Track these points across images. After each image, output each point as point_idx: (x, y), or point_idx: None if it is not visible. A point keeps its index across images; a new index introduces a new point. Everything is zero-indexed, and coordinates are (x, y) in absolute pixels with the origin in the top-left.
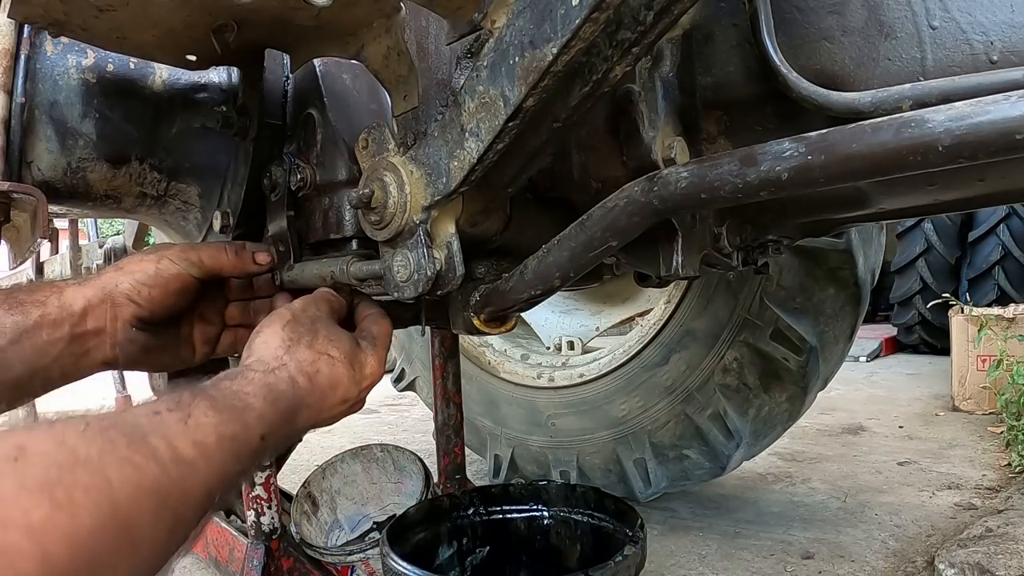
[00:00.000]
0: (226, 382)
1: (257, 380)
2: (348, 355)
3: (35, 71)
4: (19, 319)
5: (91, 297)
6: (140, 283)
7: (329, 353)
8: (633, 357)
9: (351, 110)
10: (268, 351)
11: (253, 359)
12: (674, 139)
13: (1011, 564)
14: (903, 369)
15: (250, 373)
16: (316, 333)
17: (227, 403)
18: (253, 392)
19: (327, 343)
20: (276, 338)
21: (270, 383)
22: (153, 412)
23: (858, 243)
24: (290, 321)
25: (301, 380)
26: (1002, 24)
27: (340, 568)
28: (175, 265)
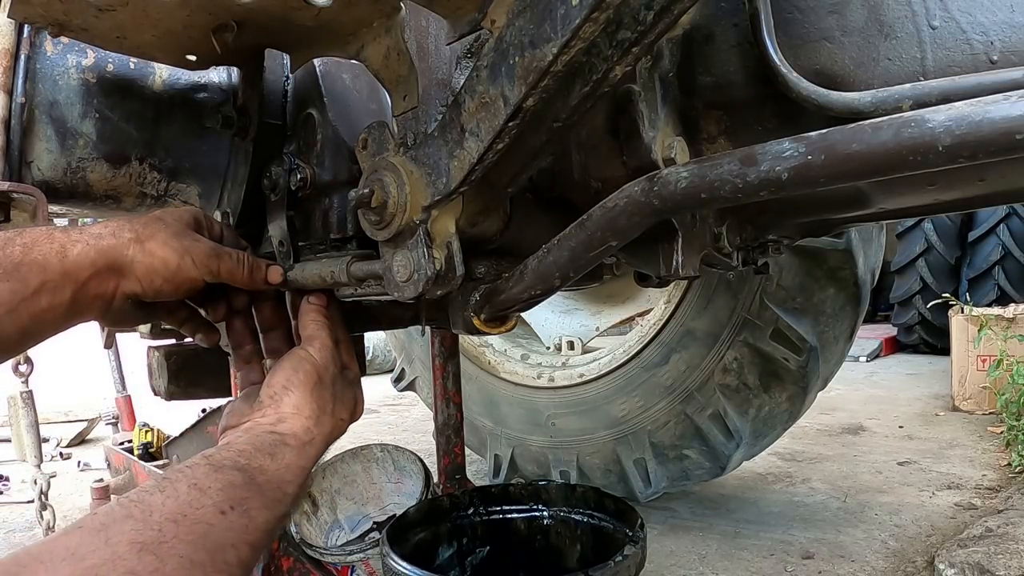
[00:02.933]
0: (270, 463)
1: (294, 466)
2: (352, 412)
3: (35, 71)
4: (16, 286)
5: (100, 265)
6: (155, 272)
7: (342, 417)
8: (633, 357)
9: (351, 110)
10: (300, 423)
11: (286, 428)
12: (674, 139)
13: (1011, 564)
14: (903, 369)
15: (287, 452)
16: (335, 398)
17: (273, 497)
18: (292, 479)
19: (341, 407)
20: (307, 406)
21: (303, 466)
22: (220, 512)
23: (858, 243)
24: (317, 384)
25: (321, 451)
26: (1002, 24)
27: (340, 568)
28: (196, 269)
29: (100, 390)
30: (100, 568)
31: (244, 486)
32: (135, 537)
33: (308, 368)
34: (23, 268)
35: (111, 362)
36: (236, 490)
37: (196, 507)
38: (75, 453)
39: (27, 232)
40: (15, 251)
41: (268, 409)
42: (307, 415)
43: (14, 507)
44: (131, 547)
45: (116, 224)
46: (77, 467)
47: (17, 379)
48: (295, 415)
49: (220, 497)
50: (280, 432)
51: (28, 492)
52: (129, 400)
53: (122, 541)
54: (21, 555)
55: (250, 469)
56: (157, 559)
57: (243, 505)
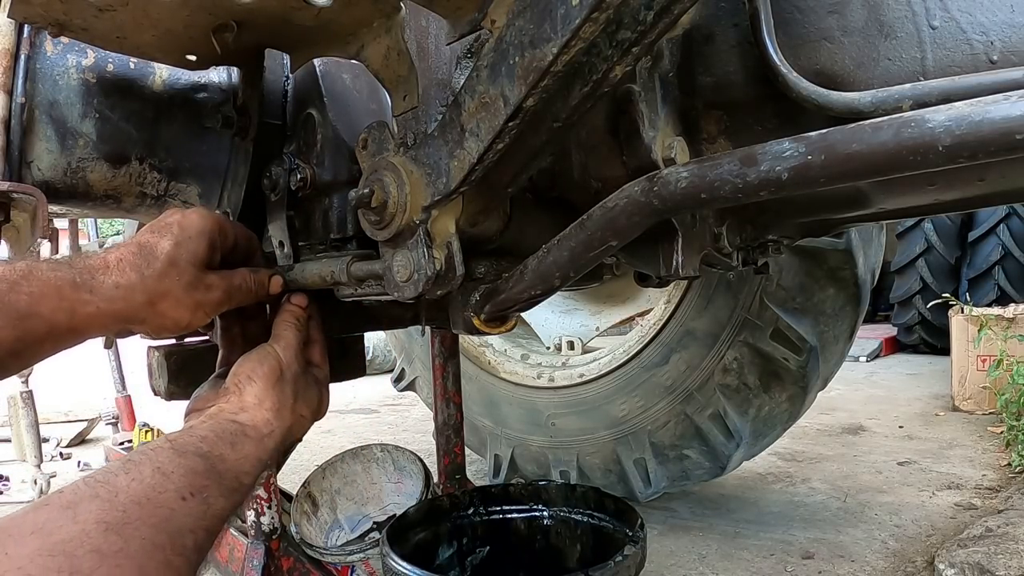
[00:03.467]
0: (230, 451)
1: (252, 457)
2: (314, 410)
3: (35, 71)
4: (21, 335)
5: (108, 323)
6: (166, 329)
7: (303, 414)
8: (633, 357)
9: (351, 110)
10: (261, 415)
11: (247, 418)
12: (674, 139)
13: (1011, 564)
14: (903, 369)
15: (247, 444)
16: (296, 395)
17: (231, 487)
18: (248, 470)
19: (303, 404)
20: (268, 399)
21: (260, 458)
22: (181, 497)
23: (858, 243)
24: (279, 380)
25: (279, 446)
26: (1002, 24)
27: (340, 568)
28: (208, 318)
29: (100, 390)
30: (67, 544)
31: (204, 473)
32: (101, 516)
33: (272, 363)
34: (29, 320)
35: (111, 362)
36: (197, 477)
37: (159, 491)
38: (75, 453)
39: (34, 278)
40: (20, 299)
41: (232, 396)
42: (268, 407)
43: (14, 507)
44: (97, 525)
45: (127, 282)
46: (77, 467)
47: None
48: (256, 406)
49: (182, 483)
50: (241, 422)
51: (28, 492)
52: (129, 400)
53: (89, 519)
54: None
55: (211, 457)
56: (121, 539)
57: (203, 492)
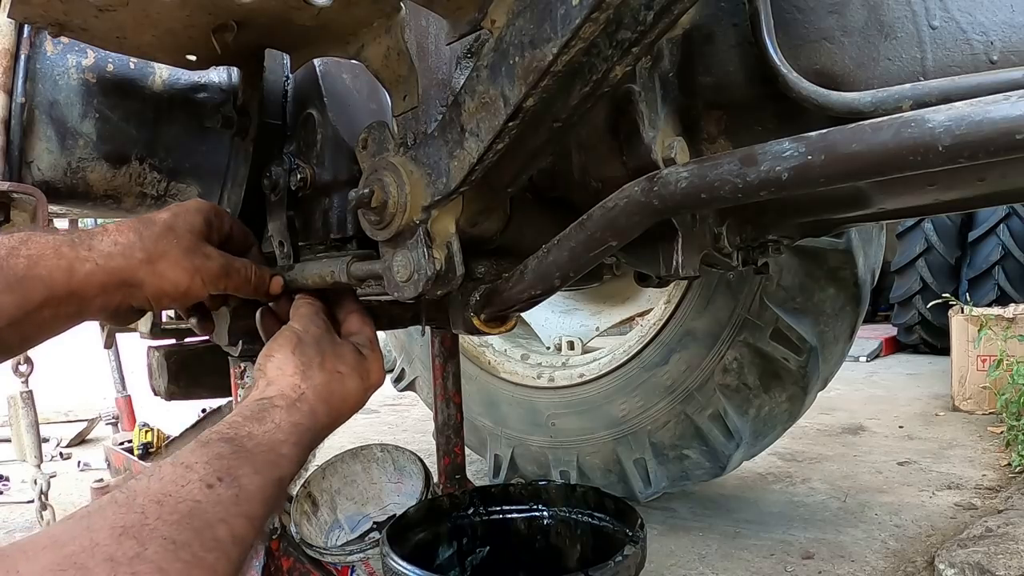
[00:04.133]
0: (258, 427)
1: (285, 423)
2: (355, 367)
3: (35, 71)
4: (20, 300)
5: (108, 284)
6: (164, 293)
7: (339, 370)
8: (633, 357)
9: (351, 110)
10: (285, 380)
11: (273, 390)
12: (674, 139)
13: (1011, 564)
14: (903, 369)
15: (276, 413)
16: (324, 352)
17: (266, 460)
18: (284, 439)
19: (336, 360)
20: (290, 364)
21: (296, 422)
22: (207, 486)
23: (858, 243)
24: (298, 344)
25: (320, 408)
26: (1002, 24)
27: (340, 568)
28: (204, 288)
29: (100, 390)
30: (79, 555)
31: (232, 455)
32: (116, 522)
33: (287, 333)
34: (27, 282)
35: (111, 362)
36: (223, 460)
37: (181, 484)
38: (75, 453)
39: (32, 241)
40: (19, 263)
41: (259, 382)
42: (291, 372)
43: (14, 507)
44: (111, 532)
45: (126, 240)
46: (77, 467)
47: (17, 379)
48: (279, 375)
49: (206, 471)
50: (266, 396)
51: (28, 492)
52: (129, 400)
53: (103, 527)
54: (7, 547)
55: (238, 438)
56: (138, 543)
57: (231, 474)
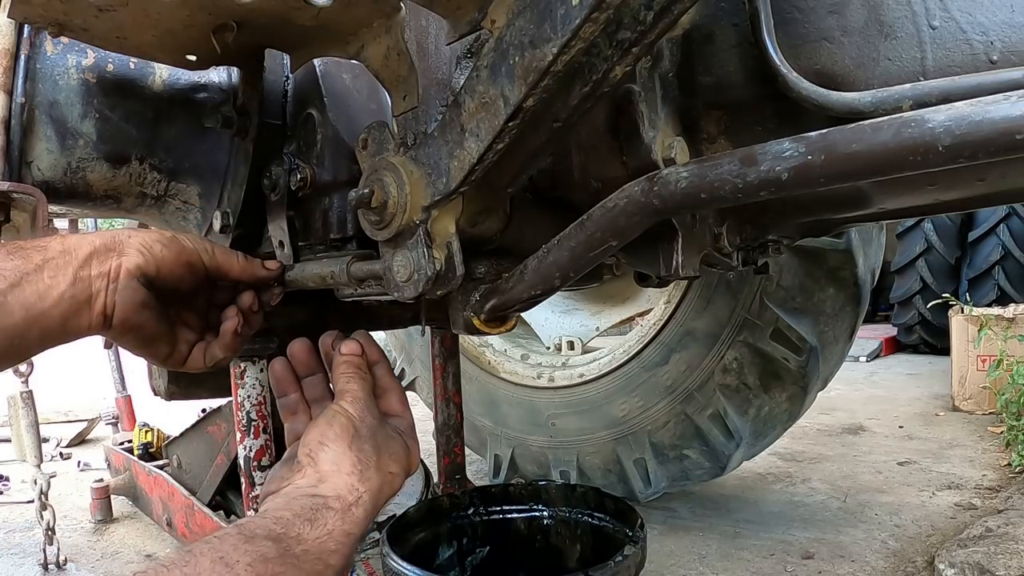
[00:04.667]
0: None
1: (338, 532)
2: (404, 465)
3: (35, 71)
4: (19, 263)
5: (98, 244)
6: (154, 240)
7: (391, 471)
8: (633, 357)
9: (351, 110)
10: (342, 481)
11: (328, 489)
12: (674, 139)
13: (1011, 564)
14: (903, 369)
15: (329, 517)
16: (380, 451)
17: (313, 570)
18: (335, 549)
19: (389, 460)
20: (347, 461)
21: (349, 532)
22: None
23: (858, 243)
24: (355, 437)
25: (372, 512)
26: (1002, 24)
27: None
28: (190, 244)
29: (100, 390)
30: None
31: (278, 559)
32: None
33: (343, 421)
34: (27, 248)
35: (111, 362)
36: (268, 564)
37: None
38: (75, 453)
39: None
40: (19, 241)
41: (308, 469)
42: (348, 471)
43: (14, 507)
44: None
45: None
46: (77, 467)
47: (17, 379)
48: (335, 472)
49: (248, 573)
50: (322, 494)
51: (28, 492)
52: (129, 400)
53: None
54: None
55: (286, 539)
56: None
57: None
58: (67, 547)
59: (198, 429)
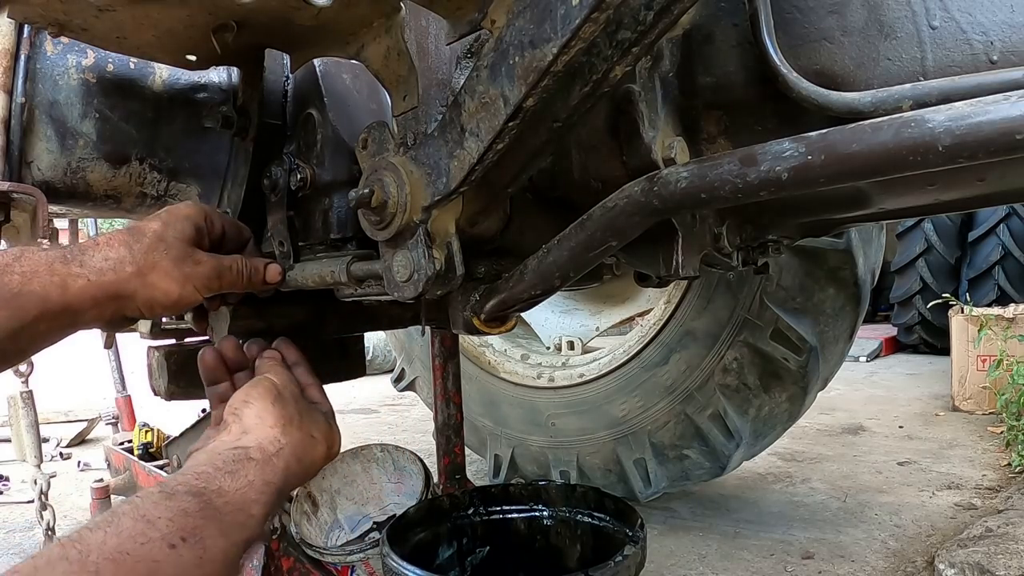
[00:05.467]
0: (230, 481)
1: (258, 481)
2: (325, 435)
3: (35, 71)
4: (15, 314)
5: (100, 298)
6: (156, 302)
7: (313, 434)
8: (633, 357)
9: (351, 110)
10: (264, 432)
11: (251, 440)
12: (674, 139)
13: (1011, 564)
14: (903, 369)
15: (251, 466)
16: (301, 412)
17: (234, 522)
18: (256, 498)
19: (311, 424)
20: (270, 415)
21: (269, 481)
22: (169, 546)
23: (858, 243)
24: (278, 397)
25: (293, 467)
26: (1002, 24)
27: (340, 568)
28: (197, 294)
29: (100, 390)
30: None
31: (199, 512)
32: None
33: (267, 383)
34: (21, 298)
35: (111, 362)
36: (188, 518)
37: (141, 542)
38: (75, 453)
39: (25, 257)
40: (13, 280)
41: (232, 426)
42: (271, 424)
43: (14, 507)
44: None
45: (117, 255)
46: (77, 467)
47: (17, 379)
48: (258, 425)
49: (169, 528)
50: (243, 445)
51: (28, 492)
52: (129, 400)
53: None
54: None
55: (207, 492)
56: None
57: (196, 535)
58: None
59: (198, 429)
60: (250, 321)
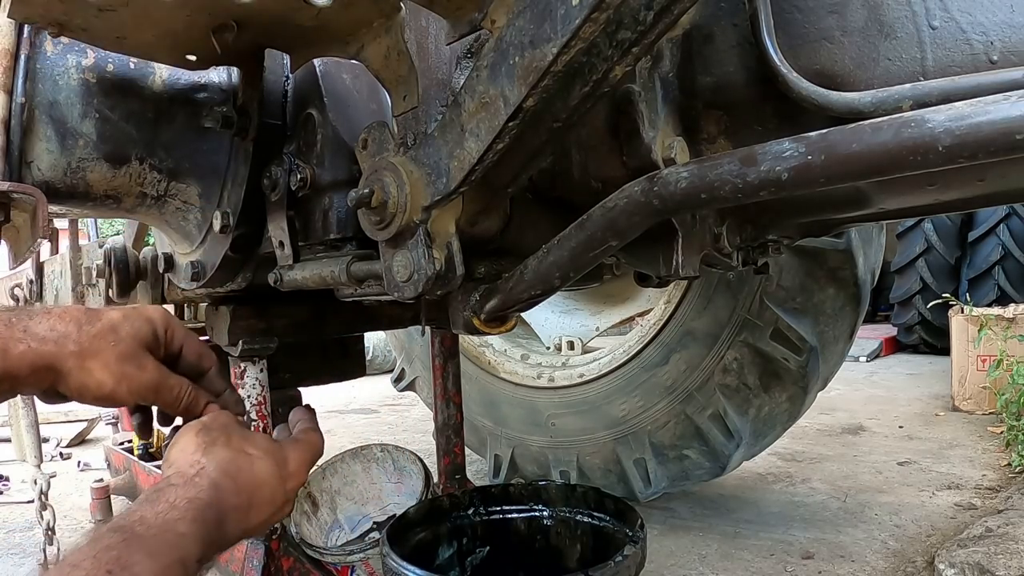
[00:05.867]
0: (150, 508)
1: (180, 500)
2: (267, 451)
3: (35, 71)
4: None
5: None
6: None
7: (246, 451)
8: (633, 357)
9: (351, 110)
10: (185, 459)
11: (172, 471)
12: (674, 139)
13: (1011, 564)
14: (903, 369)
15: (171, 490)
16: (230, 435)
17: (161, 542)
18: (180, 516)
19: (242, 441)
20: (191, 445)
21: (192, 497)
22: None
23: (858, 243)
24: (203, 427)
25: (225, 483)
26: (1002, 24)
27: (340, 568)
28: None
29: None
30: None
31: (121, 544)
32: None
33: (193, 423)
34: None
35: None
36: (112, 551)
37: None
38: (75, 453)
39: None
40: None
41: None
42: (191, 451)
43: (14, 507)
44: None
45: (63, 329)
46: (77, 467)
47: None
48: (180, 455)
49: (94, 565)
50: (166, 475)
51: (28, 492)
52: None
53: None
54: None
55: (128, 524)
56: None
57: (121, 563)
58: (67, 547)
59: None
60: (250, 321)
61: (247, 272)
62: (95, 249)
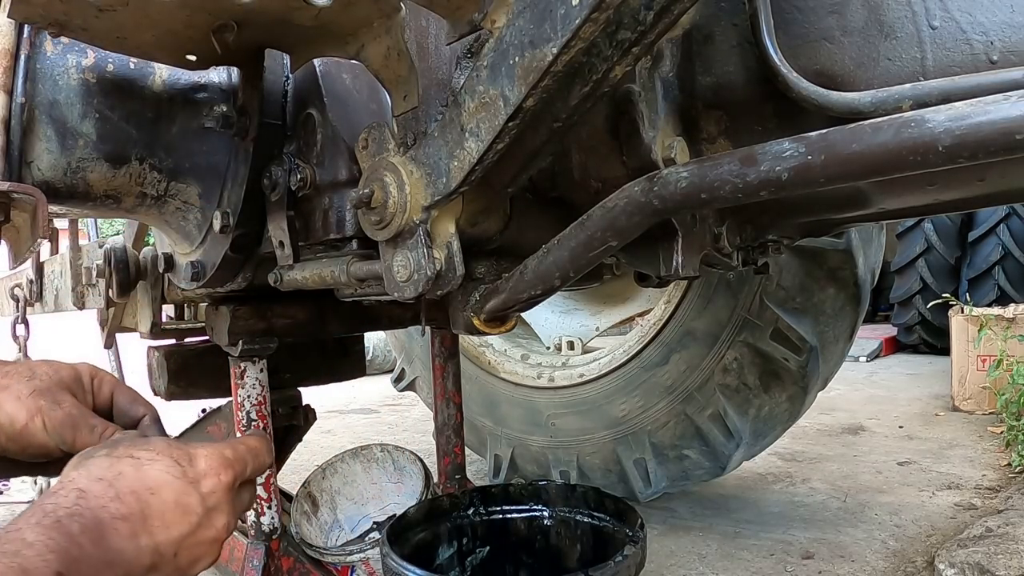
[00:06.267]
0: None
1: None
2: (162, 451)
3: (35, 71)
4: None
5: None
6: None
7: (133, 455)
8: (633, 357)
9: (351, 110)
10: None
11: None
12: (674, 139)
13: (1011, 564)
14: (903, 369)
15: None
16: (115, 446)
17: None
18: (23, 524)
19: (130, 448)
20: (71, 463)
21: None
22: None
23: (858, 243)
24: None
25: (95, 488)
26: (1002, 24)
27: (340, 568)
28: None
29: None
30: None
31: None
32: None
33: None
34: None
35: (111, 362)
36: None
37: None
38: None
39: None
40: None
41: None
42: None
43: (14, 507)
44: None
45: None
46: None
47: None
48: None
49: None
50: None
51: (28, 492)
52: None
53: None
54: None
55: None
56: None
57: None
58: None
59: (198, 429)
60: (250, 321)
61: (247, 272)
62: (95, 249)
